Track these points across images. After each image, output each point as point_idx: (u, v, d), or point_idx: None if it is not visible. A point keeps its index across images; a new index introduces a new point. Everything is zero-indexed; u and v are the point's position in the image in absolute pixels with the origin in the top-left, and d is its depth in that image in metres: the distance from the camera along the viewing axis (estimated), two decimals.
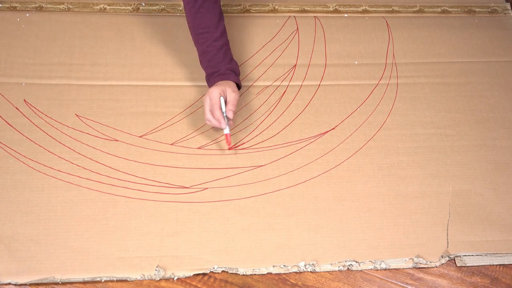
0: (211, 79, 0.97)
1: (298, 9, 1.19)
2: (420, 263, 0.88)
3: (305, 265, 0.86)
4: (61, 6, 1.12)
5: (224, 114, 0.93)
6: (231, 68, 0.98)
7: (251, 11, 1.17)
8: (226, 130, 0.94)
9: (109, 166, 0.93)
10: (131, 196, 0.90)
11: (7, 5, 1.11)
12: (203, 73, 1.03)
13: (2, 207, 0.87)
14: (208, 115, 0.93)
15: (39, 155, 0.93)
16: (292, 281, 0.85)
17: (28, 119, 0.97)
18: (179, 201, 0.91)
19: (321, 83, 1.08)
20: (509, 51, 1.16)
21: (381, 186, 0.95)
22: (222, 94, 0.93)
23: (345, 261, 0.87)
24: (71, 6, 1.13)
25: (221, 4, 1.16)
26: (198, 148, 0.97)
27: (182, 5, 1.15)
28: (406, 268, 0.88)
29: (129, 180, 0.92)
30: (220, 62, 0.97)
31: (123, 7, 1.14)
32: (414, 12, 1.21)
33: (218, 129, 0.99)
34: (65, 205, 0.89)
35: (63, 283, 0.82)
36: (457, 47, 1.16)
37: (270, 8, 1.18)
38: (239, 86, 0.99)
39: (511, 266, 0.89)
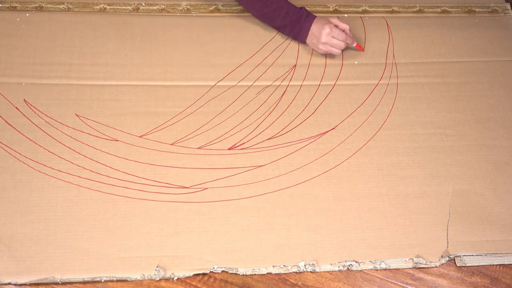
0: (300, 25, 1.07)
1: None
2: (420, 263, 0.88)
3: (305, 265, 0.86)
4: (61, 6, 1.12)
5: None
6: (302, 8, 1.08)
7: None
8: (355, 42, 1.09)
9: (109, 166, 0.93)
10: (131, 196, 0.90)
11: (7, 5, 1.11)
12: (203, 73, 1.03)
13: (2, 207, 0.87)
14: (342, 44, 1.06)
15: (39, 155, 0.93)
16: (292, 281, 0.85)
17: (28, 119, 0.97)
18: (179, 201, 0.91)
19: (321, 83, 1.08)
20: (509, 51, 1.16)
21: (381, 186, 0.95)
22: (331, 25, 1.05)
23: (345, 261, 0.87)
24: (71, 6, 1.13)
25: (221, 4, 1.17)
26: (198, 148, 0.97)
27: (182, 5, 1.15)
28: (406, 268, 0.88)
29: (129, 180, 0.92)
30: (293, 9, 1.07)
31: (123, 7, 1.14)
32: (414, 12, 1.21)
33: (218, 129, 0.99)
34: (65, 205, 0.89)
35: (63, 283, 0.82)
36: (457, 47, 1.16)
37: None
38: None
39: (511, 266, 0.89)
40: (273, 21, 1.08)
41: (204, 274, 0.85)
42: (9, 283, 0.81)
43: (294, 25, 1.07)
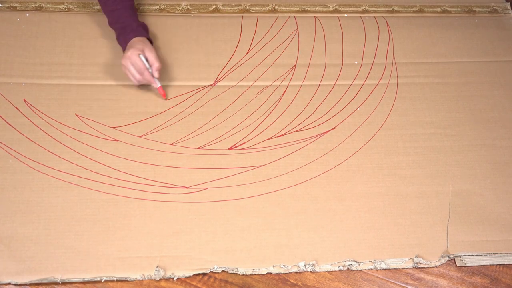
0: (124, 35, 1.00)
1: (298, 9, 1.19)
2: (420, 263, 0.88)
3: (305, 265, 0.86)
4: (61, 6, 1.12)
5: (150, 71, 0.97)
6: (141, 24, 1.02)
7: (251, 11, 1.17)
8: (159, 84, 0.99)
9: (109, 166, 0.93)
10: (131, 196, 0.90)
11: (7, 5, 1.11)
12: (203, 73, 1.03)
13: (2, 207, 0.87)
14: (138, 76, 0.97)
15: (39, 155, 0.93)
16: (292, 281, 0.85)
17: (28, 119, 0.97)
18: (179, 201, 0.91)
19: (321, 83, 1.08)
20: (509, 51, 1.16)
21: (381, 186, 0.95)
22: (142, 53, 0.96)
23: (345, 261, 0.87)
24: (71, 6, 1.12)
25: (221, 4, 1.17)
26: (198, 148, 0.97)
27: (182, 5, 1.15)
28: (406, 268, 0.88)
29: (129, 180, 0.92)
30: (130, 18, 1.01)
31: None
32: (414, 12, 1.21)
33: (218, 129, 0.99)
34: (65, 205, 0.89)
35: (63, 283, 0.82)
36: (457, 47, 1.16)
37: (270, 8, 1.18)
38: (151, 42, 1.03)
39: (511, 266, 0.89)
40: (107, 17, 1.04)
41: (204, 274, 0.85)
42: (9, 283, 0.81)
43: (121, 32, 1.02)
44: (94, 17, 1.11)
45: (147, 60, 0.97)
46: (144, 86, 1.03)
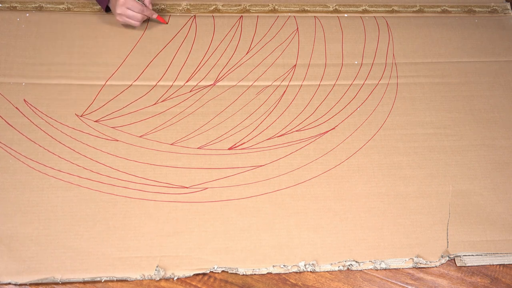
0: None
1: (298, 9, 1.19)
2: (420, 263, 0.88)
3: (305, 265, 0.86)
4: (61, 6, 1.12)
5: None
6: None
7: (251, 11, 1.17)
8: (155, 15, 1.06)
9: (109, 166, 0.93)
10: (131, 196, 0.91)
11: (7, 5, 1.11)
12: (203, 73, 1.03)
13: (2, 207, 0.87)
14: (139, 16, 1.03)
15: (39, 155, 0.93)
16: (292, 281, 0.85)
17: (28, 119, 0.97)
18: (179, 201, 0.91)
19: (321, 83, 1.08)
20: (509, 51, 1.16)
21: (381, 186, 0.95)
22: None
23: (345, 261, 0.87)
24: (71, 6, 1.12)
25: (221, 4, 1.17)
26: (198, 148, 0.97)
27: (182, 5, 1.15)
28: (406, 268, 0.88)
29: (129, 180, 0.92)
30: None
31: None
32: (414, 12, 1.21)
33: (218, 129, 0.99)
34: (65, 205, 0.89)
35: (63, 283, 0.82)
36: (457, 47, 1.16)
37: (270, 8, 1.18)
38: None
39: (511, 266, 0.89)
40: None
41: (204, 274, 0.85)
42: (9, 283, 0.81)
43: None
44: (94, 17, 1.11)
45: None
46: (143, 86, 1.03)
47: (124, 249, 0.85)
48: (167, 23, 1.07)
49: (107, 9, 1.10)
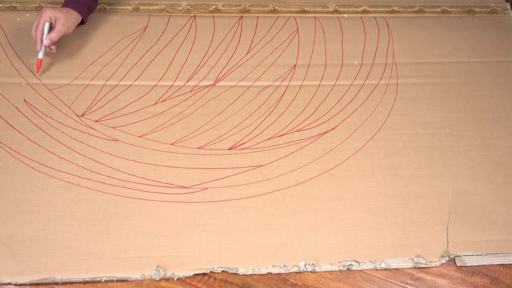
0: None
1: (298, 9, 1.19)
2: (420, 263, 0.88)
3: (305, 265, 0.86)
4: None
5: (44, 38, 0.97)
6: (88, 3, 1.03)
7: (251, 11, 1.17)
8: (40, 55, 0.99)
9: (109, 166, 0.93)
10: (131, 196, 0.90)
11: (7, 5, 1.11)
12: (203, 73, 1.03)
13: (2, 207, 0.87)
14: (32, 30, 0.98)
15: (39, 155, 0.93)
16: (292, 281, 0.85)
17: (28, 119, 0.97)
18: (179, 201, 0.91)
19: (321, 83, 1.08)
20: (509, 51, 1.16)
21: (381, 186, 0.95)
22: (53, 20, 0.98)
23: (345, 261, 0.87)
24: None
25: (221, 4, 1.17)
26: (198, 148, 0.97)
27: (182, 5, 1.15)
28: (406, 268, 0.88)
29: (129, 180, 0.92)
30: None
31: (123, 7, 1.14)
32: (414, 12, 1.21)
33: (218, 129, 0.99)
34: (65, 205, 0.89)
35: (63, 283, 0.82)
36: (457, 47, 1.16)
37: (270, 9, 1.18)
38: (83, 22, 1.05)
39: (511, 266, 0.89)
40: None
41: (204, 274, 0.85)
42: (9, 283, 0.81)
43: None
44: (94, 17, 1.11)
45: (50, 28, 0.98)
46: (143, 86, 1.03)
47: (124, 249, 0.85)
48: (37, 71, 1.01)
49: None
